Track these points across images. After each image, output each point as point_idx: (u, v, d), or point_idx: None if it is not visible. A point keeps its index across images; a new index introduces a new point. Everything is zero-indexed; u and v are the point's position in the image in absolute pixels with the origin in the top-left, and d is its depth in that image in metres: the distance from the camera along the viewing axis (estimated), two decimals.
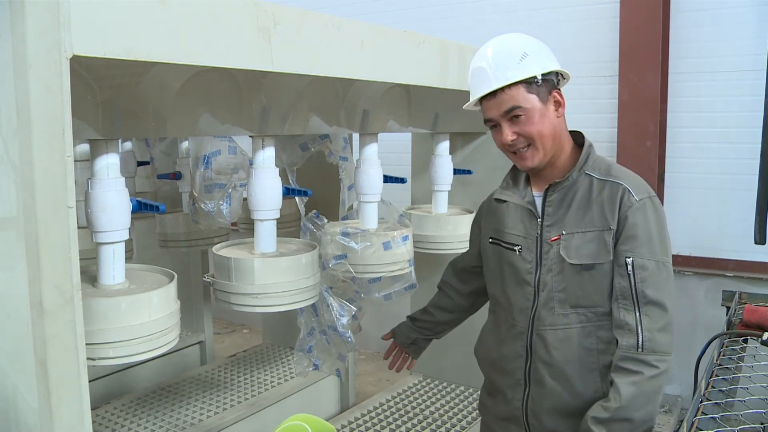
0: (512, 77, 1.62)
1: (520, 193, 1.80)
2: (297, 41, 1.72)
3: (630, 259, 1.60)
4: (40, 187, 1.21)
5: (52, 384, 1.24)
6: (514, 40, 1.70)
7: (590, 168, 1.71)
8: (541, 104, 1.65)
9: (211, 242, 2.98)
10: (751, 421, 1.63)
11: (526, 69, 1.63)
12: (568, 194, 1.71)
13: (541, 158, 1.69)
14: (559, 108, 1.69)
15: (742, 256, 3.98)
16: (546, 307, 1.71)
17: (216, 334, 4.93)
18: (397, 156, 3.64)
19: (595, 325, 1.68)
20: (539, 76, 1.63)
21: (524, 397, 1.77)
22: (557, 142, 1.70)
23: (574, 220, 1.68)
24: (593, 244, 1.65)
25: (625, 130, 4.12)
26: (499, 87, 1.63)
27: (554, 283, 1.69)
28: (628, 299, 1.61)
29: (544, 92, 1.65)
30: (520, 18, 4.46)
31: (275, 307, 2.09)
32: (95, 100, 1.53)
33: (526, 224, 1.77)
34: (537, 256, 1.73)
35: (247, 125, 1.98)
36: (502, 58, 1.65)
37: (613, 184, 1.66)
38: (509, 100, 1.64)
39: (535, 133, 1.65)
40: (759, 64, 3.54)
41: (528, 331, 1.75)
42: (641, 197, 1.64)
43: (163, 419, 3.04)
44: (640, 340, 1.58)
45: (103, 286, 1.73)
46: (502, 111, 1.65)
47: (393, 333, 2.29)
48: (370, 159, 2.47)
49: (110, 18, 1.28)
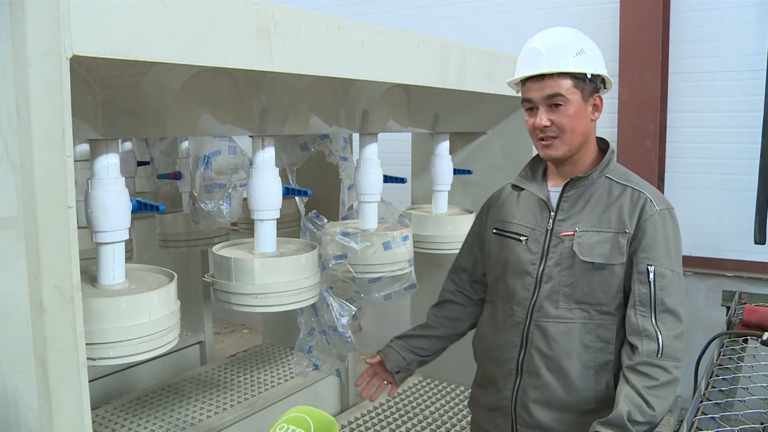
0: (565, 67, 1.66)
1: (538, 185, 1.83)
2: (297, 41, 1.72)
3: (652, 267, 1.62)
4: (40, 187, 1.21)
5: (52, 384, 1.24)
6: (575, 35, 1.74)
7: (610, 172, 1.74)
8: (582, 102, 1.69)
9: (211, 242, 2.98)
10: (751, 421, 1.63)
11: (580, 64, 1.67)
12: (586, 192, 1.73)
13: (565, 152, 1.71)
14: (596, 112, 1.73)
15: (742, 256, 3.98)
16: (550, 300, 1.72)
17: (216, 334, 4.93)
18: (397, 156, 3.63)
19: (597, 323, 1.69)
20: (589, 75, 1.67)
21: (515, 388, 1.78)
22: (584, 141, 1.73)
23: (590, 219, 1.71)
24: (607, 245, 1.67)
25: (625, 130, 4.11)
26: (550, 72, 1.67)
27: (561, 278, 1.71)
28: (646, 306, 1.63)
29: (588, 92, 1.69)
30: (520, 18, 4.46)
31: (275, 307, 2.09)
32: (95, 100, 1.53)
33: (537, 216, 1.79)
34: (544, 248, 1.75)
35: (247, 125, 1.98)
36: (560, 46, 1.69)
37: (634, 191, 1.70)
38: (556, 86, 1.67)
39: (568, 125, 1.68)
40: (759, 64, 3.54)
41: (525, 321, 1.76)
42: (662, 208, 1.68)
43: (163, 419, 3.04)
44: (661, 346, 1.59)
45: (103, 286, 1.73)
46: (545, 95, 1.67)
47: (384, 356, 2.04)
48: (370, 159, 2.47)
49: (110, 18, 1.28)
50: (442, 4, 4.78)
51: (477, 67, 2.47)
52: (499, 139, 3.19)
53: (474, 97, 2.59)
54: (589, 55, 1.69)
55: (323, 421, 1.37)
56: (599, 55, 1.73)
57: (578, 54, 1.67)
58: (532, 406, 1.74)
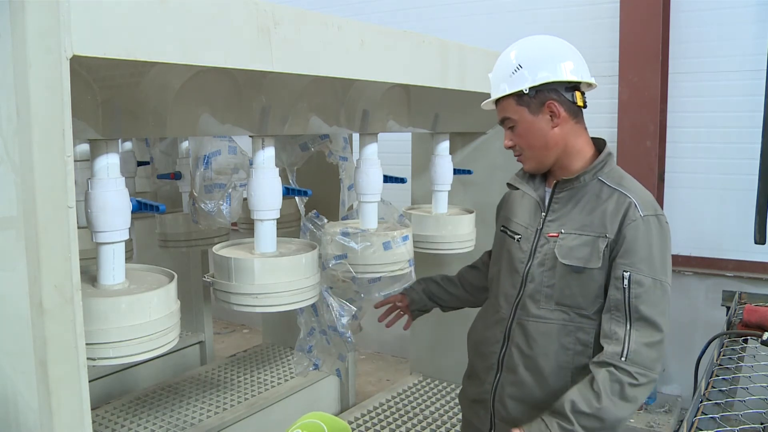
0: (503, 91, 1.72)
1: (534, 185, 1.83)
2: (297, 41, 1.72)
3: (627, 273, 1.61)
4: (40, 187, 1.21)
5: (52, 384, 1.24)
6: (518, 50, 1.73)
7: (604, 175, 1.72)
8: (532, 116, 1.69)
9: (211, 242, 2.98)
10: (751, 421, 1.63)
11: (514, 83, 1.69)
12: (577, 194, 1.73)
13: (536, 165, 1.76)
14: (555, 118, 1.69)
15: (742, 256, 3.98)
16: (532, 299, 1.74)
17: (216, 334, 4.93)
18: (397, 156, 3.63)
19: (576, 325, 1.70)
20: (525, 90, 1.66)
21: (494, 382, 1.81)
22: (555, 151, 1.72)
23: (576, 221, 1.70)
24: (587, 248, 1.66)
25: (625, 130, 4.12)
26: (495, 98, 1.75)
27: (544, 278, 1.73)
28: (620, 311, 1.62)
29: (536, 104, 1.68)
30: (520, 18, 4.47)
31: (275, 307, 2.09)
32: (95, 100, 1.53)
33: (531, 216, 1.81)
34: (533, 247, 1.77)
35: (247, 125, 1.98)
36: (499, 69, 1.75)
37: (621, 195, 1.67)
38: (502, 111, 1.75)
39: (524, 143, 1.74)
40: (759, 64, 3.54)
41: (509, 318, 1.79)
42: (647, 213, 1.64)
43: (163, 419, 3.04)
44: (625, 350, 1.58)
45: (103, 286, 1.73)
46: (499, 120, 1.77)
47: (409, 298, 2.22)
48: (370, 159, 2.47)
49: (110, 18, 1.28)
50: (442, 4, 4.78)
51: (477, 67, 2.47)
52: (499, 139, 3.18)
53: (474, 97, 2.58)
54: (527, 69, 1.67)
55: (337, 427, 1.37)
56: (546, 62, 1.69)
57: (514, 73, 1.69)
58: (508, 401, 1.78)
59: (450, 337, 2.32)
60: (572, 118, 1.71)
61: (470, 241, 2.87)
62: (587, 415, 1.55)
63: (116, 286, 1.74)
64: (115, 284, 1.73)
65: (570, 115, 1.70)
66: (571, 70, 1.69)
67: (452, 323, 2.96)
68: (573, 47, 1.75)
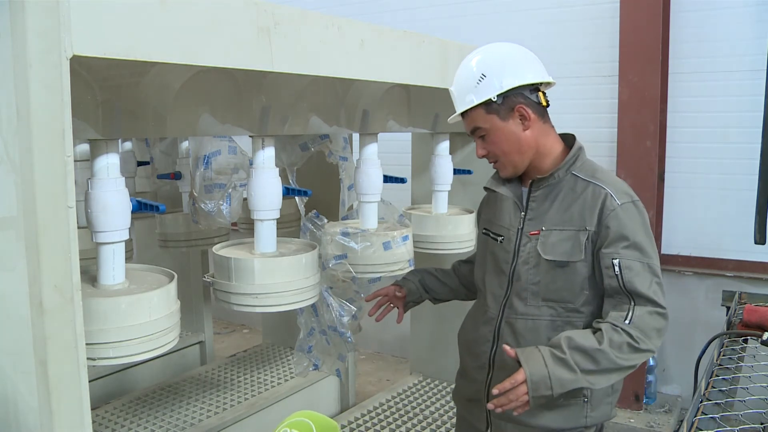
0: (470, 102, 1.73)
1: (511, 186, 1.85)
2: (297, 41, 1.72)
3: (616, 261, 1.64)
4: (40, 187, 1.21)
5: (52, 384, 1.24)
6: (478, 60, 1.75)
7: (577, 169, 1.76)
8: (503, 122, 1.72)
9: (211, 242, 2.98)
10: (751, 421, 1.63)
11: (481, 92, 1.71)
12: (553, 191, 1.76)
13: (512, 170, 1.79)
14: (526, 121, 1.72)
15: (742, 256, 3.98)
16: (519, 297, 1.77)
17: (216, 334, 4.93)
18: (397, 156, 3.63)
19: (564, 320, 1.73)
20: (494, 98, 1.68)
21: (487, 380, 1.84)
22: (529, 153, 1.75)
23: (554, 218, 1.74)
24: (569, 243, 1.70)
25: (625, 130, 4.11)
26: (462, 111, 1.76)
27: (529, 276, 1.75)
28: (621, 295, 1.65)
29: (505, 110, 1.71)
30: (520, 18, 4.46)
31: (275, 307, 2.09)
32: (95, 100, 1.53)
33: (512, 216, 1.83)
34: (515, 247, 1.79)
35: (247, 125, 1.98)
36: (462, 81, 1.76)
37: (596, 187, 1.70)
38: (471, 121, 1.76)
39: (498, 150, 1.76)
40: (759, 64, 3.54)
41: (498, 317, 1.82)
42: (623, 201, 1.68)
43: (163, 419, 3.04)
44: (629, 315, 1.61)
45: (103, 286, 1.73)
46: (469, 131, 1.79)
47: (406, 289, 2.18)
48: (370, 159, 2.47)
49: (110, 18, 1.28)
50: (442, 3, 4.78)
51: None
52: None
53: None
54: (491, 78, 1.70)
55: (326, 425, 1.37)
56: (508, 67, 1.71)
57: (479, 83, 1.71)
58: None
59: (450, 337, 2.32)
60: (540, 119, 1.75)
61: (470, 241, 2.87)
62: (583, 352, 1.58)
63: (116, 286, 1.74)
64: (115, 284, 1.73)
65: (538, 116, 1.74)
66: (533, 73, 1.73)
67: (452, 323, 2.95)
68: (527, 50, 1.78)
